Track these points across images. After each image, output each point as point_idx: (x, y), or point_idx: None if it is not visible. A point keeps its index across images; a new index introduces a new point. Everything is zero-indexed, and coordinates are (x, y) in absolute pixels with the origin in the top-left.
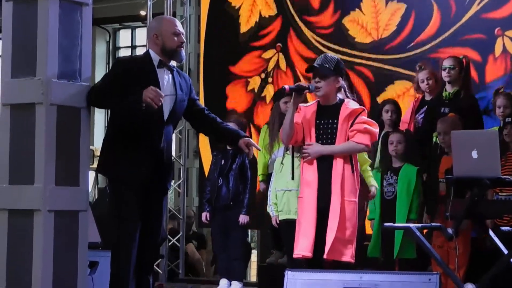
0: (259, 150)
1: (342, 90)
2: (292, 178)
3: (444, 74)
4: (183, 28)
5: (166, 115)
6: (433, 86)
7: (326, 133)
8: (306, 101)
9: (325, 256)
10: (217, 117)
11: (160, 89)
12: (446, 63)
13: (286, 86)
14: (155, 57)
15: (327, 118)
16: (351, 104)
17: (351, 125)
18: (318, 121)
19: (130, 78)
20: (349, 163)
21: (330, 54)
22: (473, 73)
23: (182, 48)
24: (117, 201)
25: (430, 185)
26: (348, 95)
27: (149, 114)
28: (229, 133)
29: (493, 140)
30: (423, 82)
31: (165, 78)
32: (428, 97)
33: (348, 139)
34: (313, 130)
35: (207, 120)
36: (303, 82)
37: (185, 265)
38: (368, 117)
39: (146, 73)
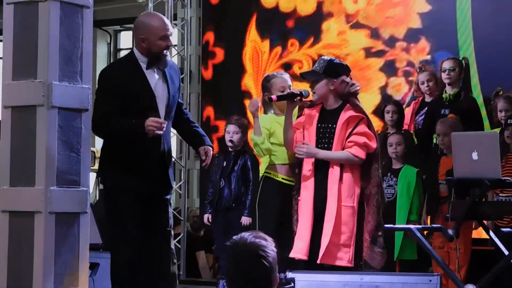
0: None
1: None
2: None
3: (444, 76)
4: (184, 30)
5: (162, 115)
6: (433, 88)
7: (325, 137)
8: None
9: (318, 261)
10: (190, 116)
11: (152, 91)
12: (446, 65)
13: (273, 96)
14: (142, 59)
15: (327, 122)
16: (350, 110)
17: (350, 133)
18: (319, 125)
19: (120, 88)
20: (348, 168)
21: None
22: None
23: (167, 54)
24: (114, 211)
25: (430, 186)
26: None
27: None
28: (195, 137)
29: (493, 141)
30: (423, 83)
31: (156, 77)
32: (428, 99)
33: (344, 147)
34: (313, 133)
35: (180, 118)
36: (296, 89)
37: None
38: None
39: (135, 78)
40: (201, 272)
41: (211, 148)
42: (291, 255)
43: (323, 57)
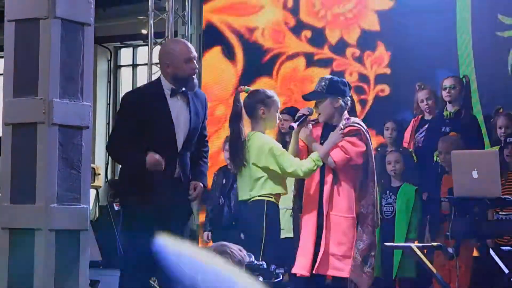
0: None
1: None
2: None
3: (444, 94)
4: None
5: (180, 145)
6: (433, 106)
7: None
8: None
9: (314, 271)
10: (207, 152)
11: (172, 121)
12: (447, 83)
13: (294, 124)
14: (167, 86)
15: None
16: (350, 124)
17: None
18: (322, 141)
19: (140, 115)
20: (344, 179)
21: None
22: None
23: (194, 76)
24: (129, 230)
25: (432, 204)
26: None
27: (162, 147)
28: (195, 170)
29: (493, 160)
30: (422, 102)
31: (178, 106)
32: (427, 117)
33: None
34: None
35: (198, 148)
36: (303, 109)
37: None
38: None
39: (156, 106)
40: None
41: (201, 186)
42: (294, 271)
43: (323, 77)
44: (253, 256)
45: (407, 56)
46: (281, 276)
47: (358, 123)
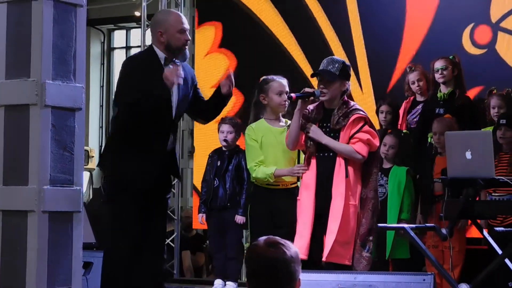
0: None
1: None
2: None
3: (437, 76)
4: None
5: (174, 111)
6: (424, 87)
7: (329, 136)
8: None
9: (324, 259)
10: None
11: (168, 88)
12: (438, 65)
13: (293, 94)
14: (161, 55)
15: (328, 121)
16: (355, 111)
17: (355, 132)
18: (321, 124)
19: (140, 80)
20: (351, 167)
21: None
22: None
23: (187, 47)
24: (119, 211)
25: (424, 185)
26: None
27: (159, 113)
28: (214, 93)
29: (487, 141)
30: (413, 83)
31: None
32: (419, 98)
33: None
34: None
35: (202, 104)
36: (309, 88)
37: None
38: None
39: (154, 72)
40: (185, 273)
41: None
42: None
43: (334, 58)
44: None
45: None
46: None
47: (361, 110)
